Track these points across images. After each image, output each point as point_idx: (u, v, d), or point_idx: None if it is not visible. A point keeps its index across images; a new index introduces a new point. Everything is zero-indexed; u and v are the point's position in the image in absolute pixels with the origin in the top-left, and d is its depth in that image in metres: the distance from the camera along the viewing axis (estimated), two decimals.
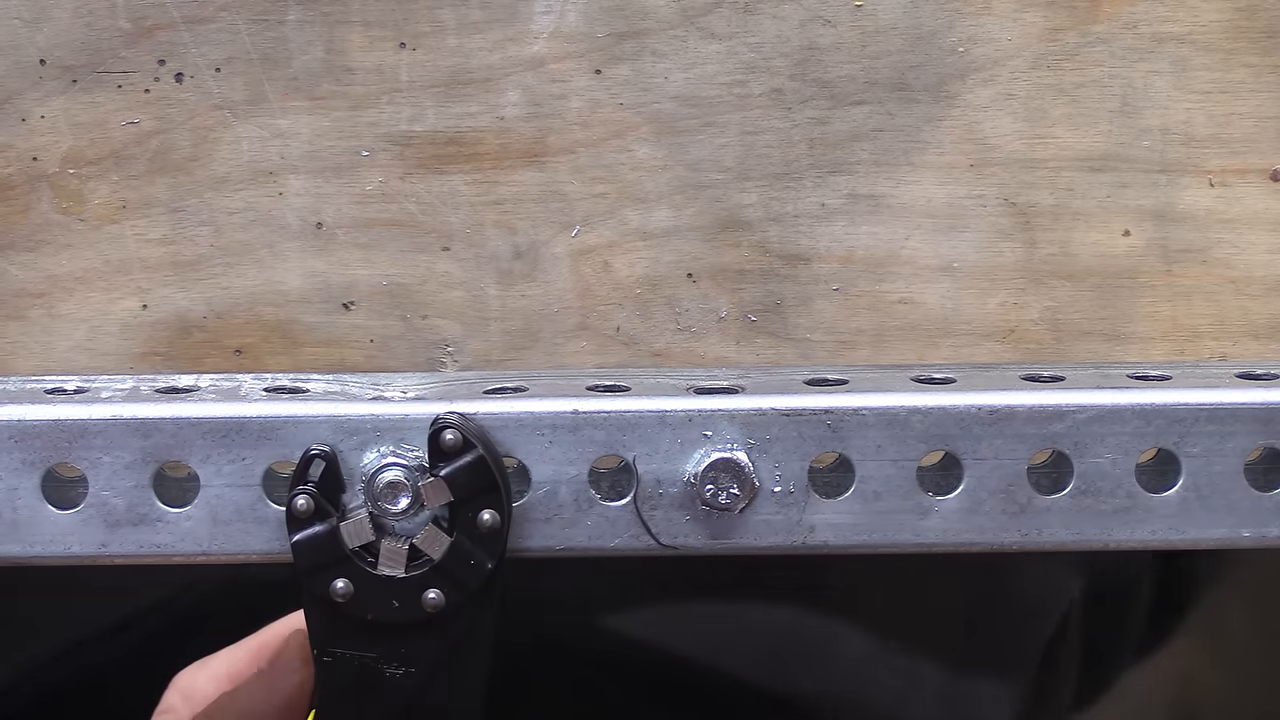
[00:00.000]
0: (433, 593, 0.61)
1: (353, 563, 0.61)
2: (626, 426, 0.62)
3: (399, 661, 0.61)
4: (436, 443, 0.60)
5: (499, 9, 0.66)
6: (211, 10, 0.66)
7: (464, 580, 0.61)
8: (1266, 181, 0.68)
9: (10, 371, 0.68)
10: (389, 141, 0.67)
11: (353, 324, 0.68)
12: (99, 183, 0.67)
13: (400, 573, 0.61)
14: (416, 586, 0.61)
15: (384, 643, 0.61)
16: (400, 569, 0.61)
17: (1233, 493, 0.63)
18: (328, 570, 0.61)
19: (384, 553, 0.61)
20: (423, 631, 0.61)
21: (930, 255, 0.68)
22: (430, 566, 0.61)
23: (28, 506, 0.62)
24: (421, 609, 0.61)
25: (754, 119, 0.67)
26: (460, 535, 0.61)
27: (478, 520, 0.60)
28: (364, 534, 0.61)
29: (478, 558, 0.61)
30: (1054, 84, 0.67)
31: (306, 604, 0.61)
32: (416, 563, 0.61)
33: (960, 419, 0.62)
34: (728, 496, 0.62)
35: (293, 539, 0.61)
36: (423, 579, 0.61)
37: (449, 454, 0.60)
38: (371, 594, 0.61)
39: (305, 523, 0.61)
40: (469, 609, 0.61)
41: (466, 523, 0.61)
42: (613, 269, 0.68)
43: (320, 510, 0.61)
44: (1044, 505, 0.63)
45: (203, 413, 0.62)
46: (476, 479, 0.60)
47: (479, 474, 0.60)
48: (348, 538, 0.61)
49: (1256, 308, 0.68)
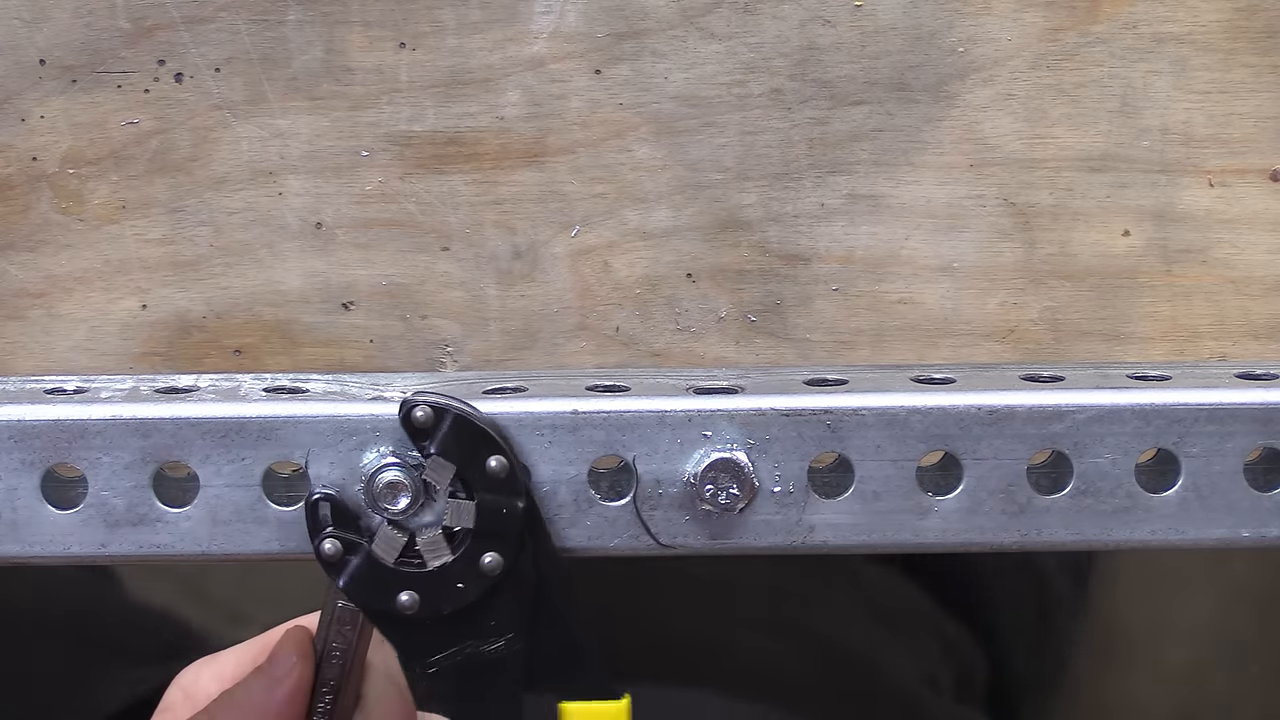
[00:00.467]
0: (488, 557, 0.61)
1: (403, 573, 0.61)
2: (626, 426, 0.62)
3: (494, 635, 0.62)
4: (411, 425, 0.61)
5: (499, 9, 0.66)
6: (211, 10, 0.66)
7: (506, 530, 0.61)
8: (1266, 181, 0.68)
9: (10, 371, 0.68)
10: (389, 141, 0.67)
11: (352, 324, 0.68)
12: (98, 183, 0.67)
13: (449, 557, 0.61)
14: (470, 560, 0.61)
15: (472, 627, 0.61)
16: (447, 554, 0.61)
17: (1232, 493, 0.63)
18: (386, 592, 0.61)
19: (425, 547, 0.61)
20: (498, 597, 0.61)
21: (930, 255, 0.68)
22: (470, 536, 0.61)
23: (27, 507, 0.62)
24: (485, 577, 0.61)
25: (753, 119, 0.67)
26: (480, 494, 0.61)
27: (487, 471, 0.61)
28: (396, 543, 0.61)
29: (507, 504, 0.61)
30: (1054, 84, 0.67)
31: (386, 632, 0.62)
32: (458, 540, 0.61)
33: (960, 419, 0.62)
34: (727, 496, 0.62)
35: (340, 584, 0.61)
36: (471, 551, 0.61)
37: (427, 430, 0.61)
38: (435, 591, 0.61)
39: (341, 564, 0.61)
40: (526, 554, 0.61)
41: (479, 480, 0.61)
42: (612, 269, 0.68)
43: (349, 545, 0.61)
44: (1044, 505, 0.63)
45: (202, 413, 0.62)
46: (464, 438, 0.61)
47: (463, 432, 0.60)
48: (384, 554, 0.61)
49: (1256, 308, 0.68)
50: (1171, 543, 0.64)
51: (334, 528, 0.61)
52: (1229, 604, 1.46)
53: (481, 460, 0.61)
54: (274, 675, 0.64)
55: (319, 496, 0.61)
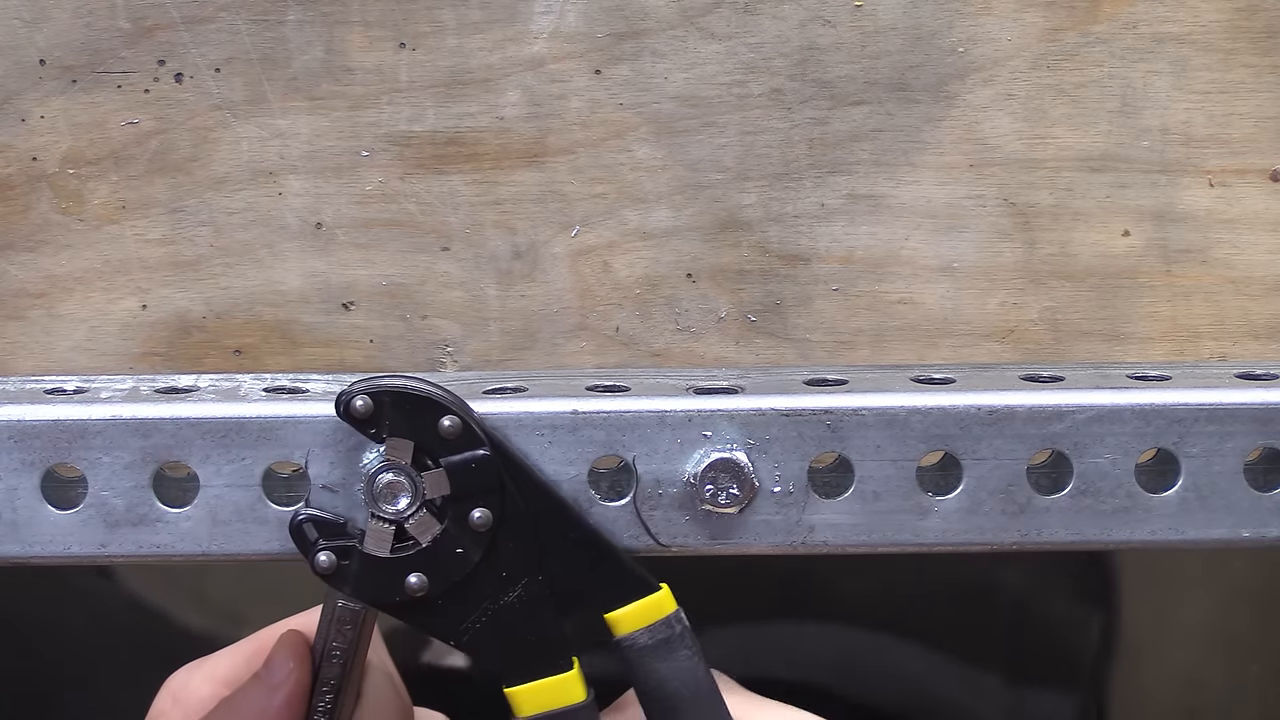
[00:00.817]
0: (476, 513, 0.61)
1: (402, 559, 0.61)
2: (626, 426, 0.62)
3: (511, 584, 0.62)
4: (352, 417, 0.61)
5: (499, 9, 0.66)
6: (211, 10, 0.66)
7: (482, 483, 0.61)
8: (1266, 182, 0.68)
9: (10, 371, 0.68)
10: (388, 142, 0.67)
11: (352, 324, 0.68)
12: (98, 183, 0.67)
13: (439, 528, 0.61)
14: (460, 523, 0.61)
15: (487, 584, 0.62)
16: (436, 526, 0.61)
17: (1232, 493, 0.63)
18: (393, 584, 0.61)
19: (413, 527, 0.61)
20: (501, 547, 0.61)
21: (930, 255, 0.68)
22: (452, 500, 0.61)
23: (27, 507, 0.62)
24: (480, 533, 0.61)
25: (754, 119, 0.67)
26: (445, 457, 0.61)
27: (442, 433, 0.61)
28: (385, 535, 0.61)
29: (473, 458, 0.61)
30: (1054, 84, 0.67)
31: (409, 621, 0.62)
32: (441, 511, 0.61)
33: (960, 419, 0.62)
34: (727, 497, 0.62)
35: (349, 592, 0.62)
36: (457, 514, 0.61)
37: (371, 415, 0.61)
38: (438, 565, 0.61)
39: (341, 572, 0.61)
40: (510, 494, 0.61)
41: (439, 444, 0.61)
42: (612, 269, 0.68)
43: (341, 552, 0.61)
44: (1043, 505, 0.63)
45: (202, 413, 0.62)
46: (409, 408, 0.61)
47: (405, 403, 0.61)
48: (377, 550, 0.61)
49: (1256, 308, 0.68)
50: (1171, 543, 0.64)
51: (322, 540, 0.61)
52: (1229, 604, 1.46)
53: (433, 425, 0.61)
54: (271, 681, 0.64)
55: (302, 519, 0.62)
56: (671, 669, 0.62)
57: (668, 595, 0.62)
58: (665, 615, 0.62)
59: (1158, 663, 1.42)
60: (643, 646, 0.62)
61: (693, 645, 0.62)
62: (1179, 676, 1.41)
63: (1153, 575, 1.27)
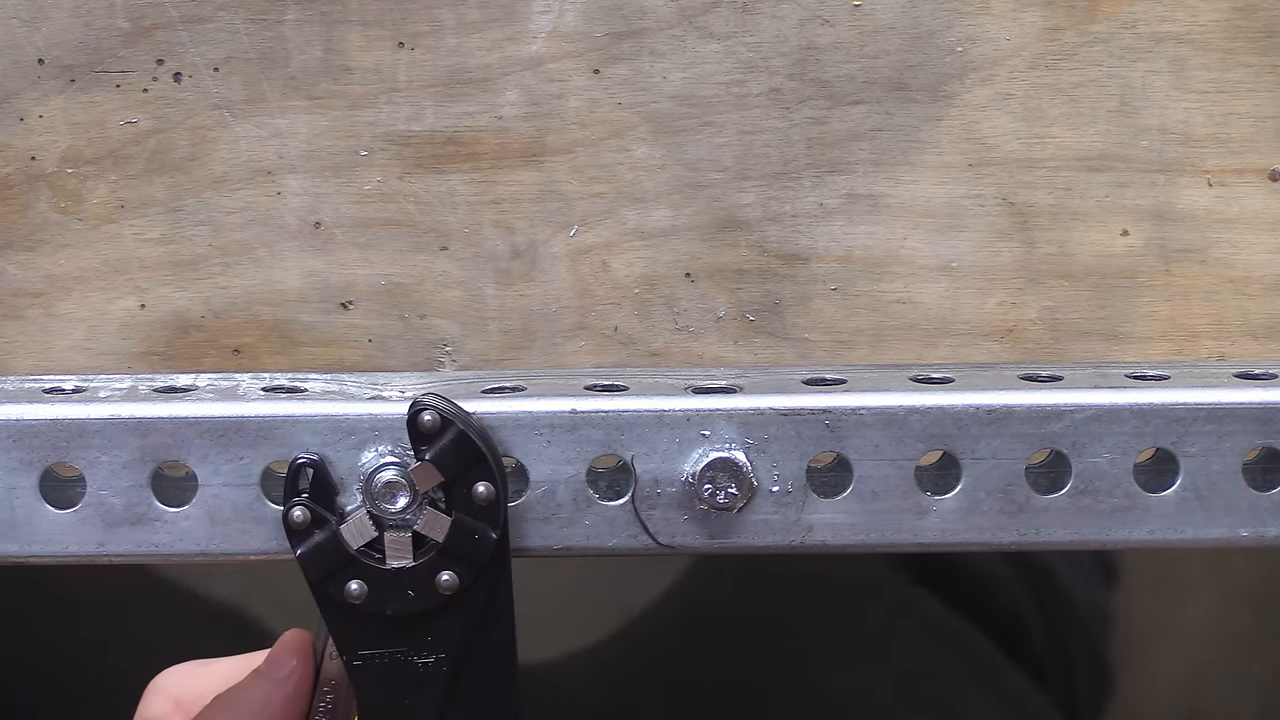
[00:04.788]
0: (445, 575, 0.61)
1: (361, 563, 0.61)
2: (624, 426, 0.62)
3: (427, 650, 0.61)
4: (416, 427, 0.60)
5: (497, 9, 0.66)
6: (210, 10, 0.66)
7: (472, 555, 0.61)
8: (1265, 181, 0.68)
9: (8, 371, 0.68)
10: (387, 141, 0.67)
11: (351, 323, 0.68)
12: (97, 182, 0.67)
13: (409, 562, 0.61)
14: (428, 572, 0.61)
15: (408, 634, 0.61)
16: (408, 558, 0.61)
17: (1231, 492, 0.63)
18: (338, 575, 0.61)
19: (389, 545, 0.61)
20: (444, 615, 0.61)
21: (928, 255, 0.68)
22: (437, 550, 0.61)
23: (25, 506, 0.62)
24: (437, 593, 0.61)
25: (752, 119, 0.67)
26: (459, 513, 0.61)
27: (473, 495, 0.60)
28: (365, 532, 0.61)
29: (481, 531, 0.61)
30: (1052, 84, 0.67)
31: (326, 613, 0.61)
32: (423, 549, 0.61)
33: (958, 419, 0.62)
34: (726, 496, 0.62)
35: (297, 552, 0.61)
36: (432, 563, 0.61)
37: (430, 435, 0.60)
38: (386, 589, 0.61)
39: (305, 533, 0.61)
40: (483, 583, 0.61)
41: (463, 500, 0.60)
42: (611, 269, 0.68)
43: (318, 518, 0.61)
44: (1042, 505, 0.63)
45: (201, 412, 0.62)
46: (462, 454, 0.60)
47: (463, 449, 0.60)
48: (350, 539, 0.61)
49: (1255, 307, 0.68)
50: (1170, 542, 0.64)
51: (309, 496, 0.61)
52: (1229, 604, 1.46)
53: (471, 481, 0.60)
54: (274, 677, 0.64)
55: (304, 461, 0.61)
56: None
57: None
58: None
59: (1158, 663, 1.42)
60: None
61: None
62: (1179, 676, 1.41)
63: (1153, 575, 1.27)
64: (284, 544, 0.62)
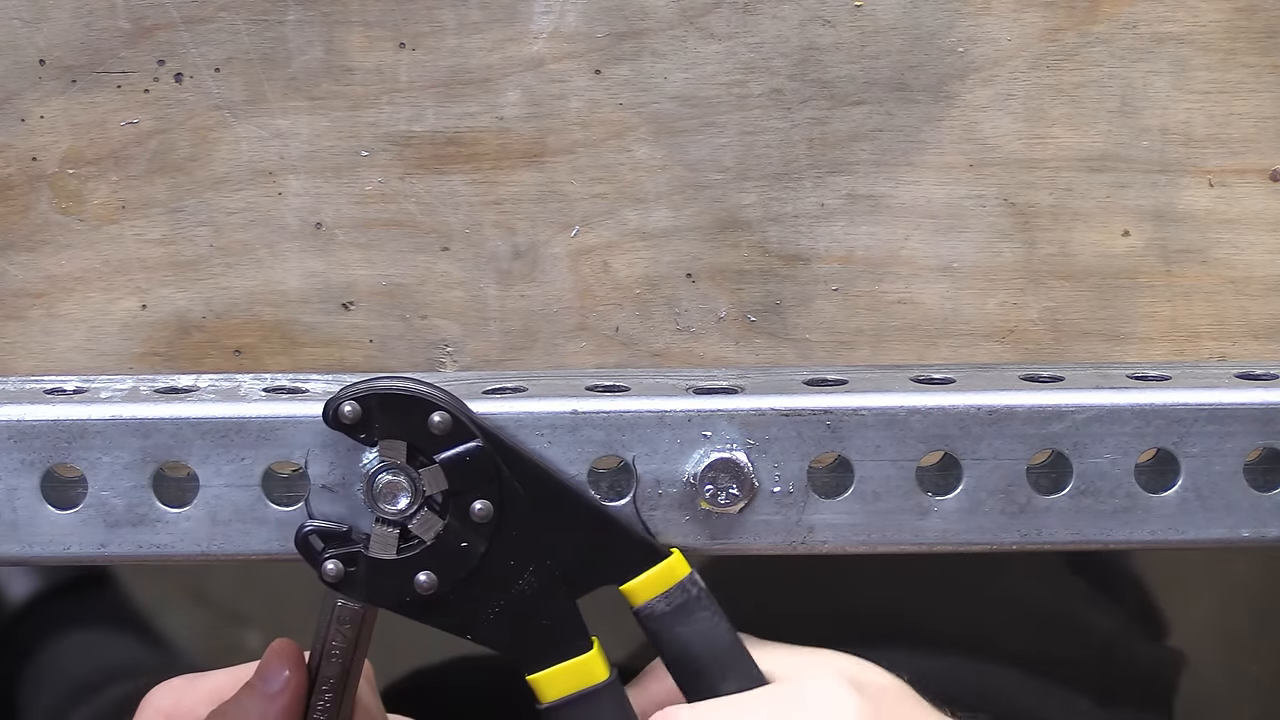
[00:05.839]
0: (477, 505, 0.61)
1: (408, 559, 0.61)
2: (626, 426, 0.62)
3: (520, 571, 0.62)
4: (341, 424, 0.61)
5: (498, 9, 0.66)
6: (211, 10, 0.66)
7: (479, 474, 0.61)
8: (1266, 181, 0.68)
9: (10, 371, 0.67)
10: (388, 141, 0.67)
11: (352, 324, 0.68)
12: (98, 183, 0.67)
13: (441, 524, 0.61)
14: (462, 516, 0.61)
15: (495, 575, 0.62)
16: (439, 522, 0.61)
17: (1232, 493, 0.63)
18: (402, 584, 0.61)
19: (416, 527, 0.61)
20: (505, 535, 0.62)
21: (929, 255, 0.68)
22: (451, 495, 0.61)
23: (27, 507, 0.62)
24: (483, 524, 0.61)
25: (753, 119, 0.67)
26: (439, 453, 0.61)
27: (433, 430, 0.61)
28: (390, 538, 0.61)
29: (467, 450, 0.61)
30: (1053, 84, 0.67)
31: (427, 620, 0.62)
32: (442, 507, 0.61)
33: (959, 419, 0.62)
34: (727, 497, 0.62)
35: (363, 598, 0.62)
36: (458, 508, 0.61)
37: (360, 420, 0.61)
38: (444, 560, 0.61)
39: (349, 579, 0.61)
40: (509, 481, 0.61)
41: (431, 441, 0.61)
42: (612, 269, 0.68)
43: (348, 558, 0.61)
44: (1043, 505, 0.63)
45: (202, 413, 0.62)
46: (398, 409, 0.61)
47: (394, 404, 0.61)
48: (382, 553, 0.61)
49: (1256, 308, 0.68)
50: (1171, 543, 0.64)
51: (328, 549, 0.61)
52: (1229, 604, 1.46)
53: (424, 423, 0.61)
54: (267, 690, 0.64)
55: (308, 530, 0.62)
56: (693, 632, 0.62)
57: (680, 560, 0.62)
58: (679, 580, 0.62)
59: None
60: (661, 614, 0.62)
61: (711, 606, 0.62)
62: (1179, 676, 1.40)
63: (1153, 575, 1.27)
64: (285, 545, 0.62)
